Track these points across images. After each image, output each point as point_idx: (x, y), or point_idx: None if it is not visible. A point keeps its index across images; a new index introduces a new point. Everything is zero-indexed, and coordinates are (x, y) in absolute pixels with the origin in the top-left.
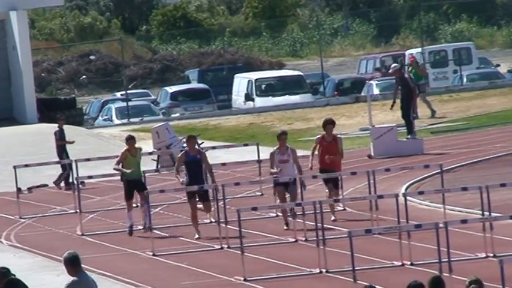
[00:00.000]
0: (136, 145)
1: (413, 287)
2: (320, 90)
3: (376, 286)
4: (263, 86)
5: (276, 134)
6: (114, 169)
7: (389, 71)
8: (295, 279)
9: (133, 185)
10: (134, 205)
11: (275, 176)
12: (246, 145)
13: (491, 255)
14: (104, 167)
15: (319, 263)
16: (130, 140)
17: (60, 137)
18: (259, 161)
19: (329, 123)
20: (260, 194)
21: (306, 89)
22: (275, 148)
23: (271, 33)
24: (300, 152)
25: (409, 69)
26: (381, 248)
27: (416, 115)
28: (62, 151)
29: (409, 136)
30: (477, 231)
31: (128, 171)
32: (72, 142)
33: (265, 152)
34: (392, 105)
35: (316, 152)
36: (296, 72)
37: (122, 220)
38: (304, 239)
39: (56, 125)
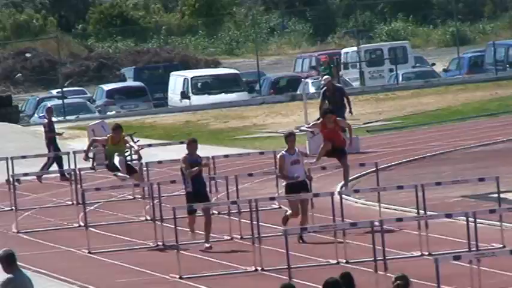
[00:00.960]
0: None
1: (330, 284)
2: (256, 88)
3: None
4: (199, 84)
5: (212, 131)
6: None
7: (321, 83)
8: (230, 277)
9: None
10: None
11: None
12: (182, 143)
13: (427, 253)
14: (39, 164)
15: (254, 261)
16: (115, 129)
17: (49, 128)
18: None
19: (328, 112)
20: None
21: (242, 88)
22: (283, 150)
23: (208, 32)
24: (237, 150)
25: (322, 68)
26: (317, 246)
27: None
28: (50, 143)
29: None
30: (412, 229)
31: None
32: (61, 134)
33: (201, 150)
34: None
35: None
36: (232, 71)
37: (58, 217)
38: (239, 237)
39: None
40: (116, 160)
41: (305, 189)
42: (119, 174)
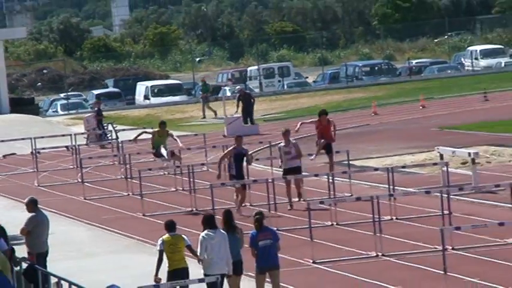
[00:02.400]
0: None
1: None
2: (192, 93)
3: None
4: (156, 90)
5: (163, 120)
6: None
7: (236, 92)
8: None
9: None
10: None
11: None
12: (144, 128)
13: (302, 201)
14: (51, 143)
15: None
16: (161, 125)
17: (97, 113)
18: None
19: (323, 114)
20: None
21: (183, 92)
22: (281, 144)
23: (161, 56)
24: (181, 133)
25: (201, 83)
26: (226, 193)
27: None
28: (100, 123)
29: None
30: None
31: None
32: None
33: None
34: (236, 111)
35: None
36: (176, 81)
37: (64, 176)
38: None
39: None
40: (162, 150)
41: (298, 171)
42: (164, 158)
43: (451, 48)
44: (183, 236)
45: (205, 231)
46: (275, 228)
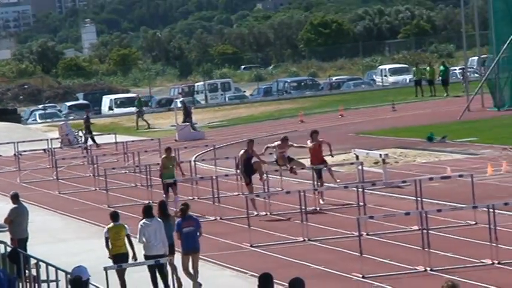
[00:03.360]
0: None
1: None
2: (149, 104)
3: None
4: (118, 102)
5: (125, 128)
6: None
7: (179, 100)
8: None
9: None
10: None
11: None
12: (109, 134)
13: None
14: (31, 146)
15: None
16: (167, 150)
17: (86, 120)
18: (115, 143)
19: (314, 132)
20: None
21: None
22: (275, 144)
23: (123, 73)
24: (139, 138)
25: (136, 101)
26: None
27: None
28: (87, 128)
29: (193, 130)
30: (232, 179)
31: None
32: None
33: (120, 138)
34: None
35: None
36: (135, 95)
37: (42, 174)
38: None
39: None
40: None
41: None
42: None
43: (364, 67)
44: (124, 225)
45: (143, 220)
46: (210, 217)
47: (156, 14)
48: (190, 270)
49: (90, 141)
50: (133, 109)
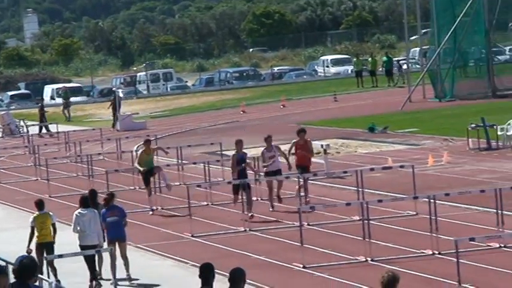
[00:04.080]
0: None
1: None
2: (91, 94)
3: None
4: (60, 92)
5: (62, 117)
6: (135, 167)
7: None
8: None
9: (148, 173)
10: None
11: (265, 168)
12: (50, 123)
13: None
14: None
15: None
16: (147, 143)
17: (41, 108)
18: (57, 132)
19: (301, 131)
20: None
21: (83, 94)
22: (263, 148)
23: (65, 63)
24: (81, 127)
25: (63, 92)
26: (120, 179)
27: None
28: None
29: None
30: (173, 170)
31: (141, 169)
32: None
33: (61, 127)
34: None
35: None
36: (77, 84)
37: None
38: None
39: None
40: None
41: (279, 174)
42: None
43: (306, 57)
44: (50, 214)
45: (78, 210)
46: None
47: (99, 4)
48: (120, 259)
49: (44, 130)
50: (77, 99)
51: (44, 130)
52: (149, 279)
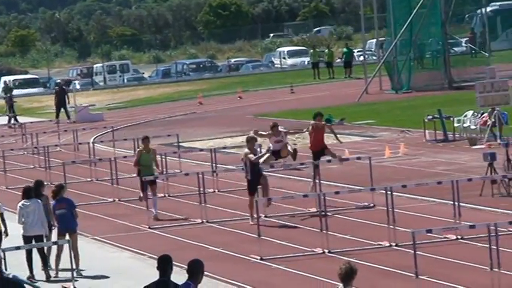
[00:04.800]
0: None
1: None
2: (47, 85)
3: None
4: (17, 83)
5: (25, 109)
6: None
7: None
8: None
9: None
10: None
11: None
12: (7, 115)
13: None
14: None
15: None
16: (145, 140)
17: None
18: (14, 124)
19: (318, 115)
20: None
21: (40, 85)
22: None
23: (21, 55)
24: (37, 119)
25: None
26: (77, 170)
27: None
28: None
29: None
30: (129, 161)
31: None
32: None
33: (21, 118)
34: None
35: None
36: (34, 76)
37: None
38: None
39: None
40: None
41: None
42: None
43: (263, 49)
44: None
45: (21, 202)
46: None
47: None
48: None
49: (13, 120)
50: (33, 90)
51: (12, 121)
52: (106, 270)
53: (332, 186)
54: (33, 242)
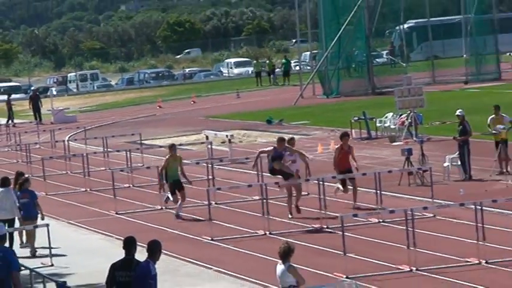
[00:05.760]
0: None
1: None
2: (28, 92)
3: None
4: (1, 90)
5: (4, 111)
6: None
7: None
8: None
9: (174, 184)
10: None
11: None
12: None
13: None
14: None
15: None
16: (171, 148)
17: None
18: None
19: (345, 136)
20: None
21: (22, 91)
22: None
23: (5, 65)
24: (18, 120)
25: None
26: (56, 165)
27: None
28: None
29: (40, 121)
30: (99, 157)
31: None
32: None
33: (3, 121)
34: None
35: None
36: (17, 84)
37: None
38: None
39: None
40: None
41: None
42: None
43: (213, 60)
44: None
45: None
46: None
47: (35, 14)
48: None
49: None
50: (16, 96)
51: (10, 121)
52: (80, 250)
53: (272, 177)
54: (7, 227)
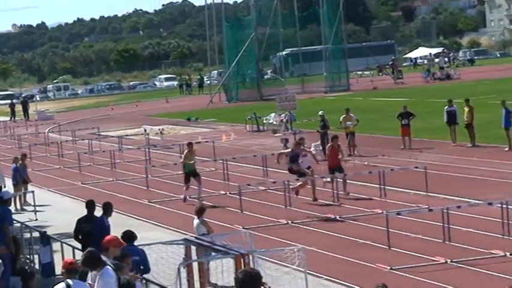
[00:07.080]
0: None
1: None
2: (19, 98)
3: None
4: (0, 97)
5: (1, 112)
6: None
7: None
8: None
9: (190, 173)
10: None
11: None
12: None
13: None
14: None
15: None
16: (189, 145)
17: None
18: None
19: (335, 138)
20: None
21: (15, 98)
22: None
23: (3, 79)
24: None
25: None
26: (37, 150)
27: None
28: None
29: (28, 119)
30: (70, 143)
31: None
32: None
33: (2, 119)
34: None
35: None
36: (11, 92)
37: None
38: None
39: None
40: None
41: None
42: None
43: (149, 76)
44: None
45: None
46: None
47: (25, 43)
48: None
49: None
50: (7, 102)
51: (13, 118)
52: (56, 209)
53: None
54: None
